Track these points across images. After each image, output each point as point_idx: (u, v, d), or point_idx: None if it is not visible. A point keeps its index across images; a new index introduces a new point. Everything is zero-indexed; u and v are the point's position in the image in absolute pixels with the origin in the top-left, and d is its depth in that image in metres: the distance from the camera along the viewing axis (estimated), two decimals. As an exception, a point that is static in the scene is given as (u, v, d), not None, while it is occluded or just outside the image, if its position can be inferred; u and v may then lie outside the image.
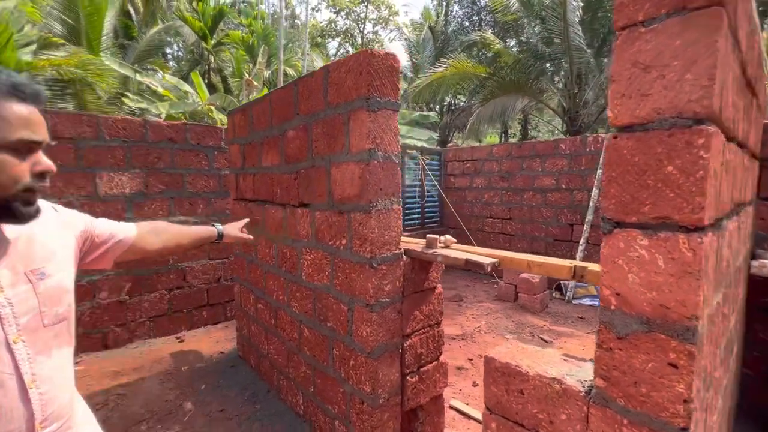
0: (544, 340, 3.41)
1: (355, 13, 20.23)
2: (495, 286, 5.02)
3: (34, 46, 5.90)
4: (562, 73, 9.50)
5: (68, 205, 2.86)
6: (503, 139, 16.40)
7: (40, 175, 0.71)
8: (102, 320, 3.11)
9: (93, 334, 3.07)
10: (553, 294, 4.71)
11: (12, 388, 0.69)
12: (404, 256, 1.72)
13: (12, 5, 5.39)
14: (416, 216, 6.04)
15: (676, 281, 0.71)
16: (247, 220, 1.62)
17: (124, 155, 3.13)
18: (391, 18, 20.88)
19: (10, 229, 0.73)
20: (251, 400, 2.44)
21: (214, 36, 13.18)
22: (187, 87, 10.41)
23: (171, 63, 17.31)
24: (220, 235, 1.39)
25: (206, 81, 12.50)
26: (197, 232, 1.31)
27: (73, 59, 5.79)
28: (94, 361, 2.95)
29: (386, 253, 1.65)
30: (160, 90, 9.55)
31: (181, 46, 18.33)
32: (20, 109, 0.67)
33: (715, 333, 0.89)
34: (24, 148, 0.68)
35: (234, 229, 1.48)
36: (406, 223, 5.75)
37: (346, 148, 1.67)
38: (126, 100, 8.98)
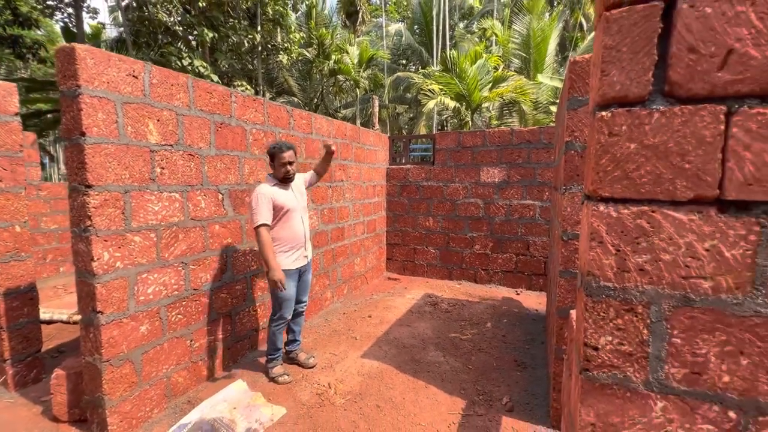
0: None
1: None
2: None
3: (489, 85, 8.81)
4: None
5: (463, 189, 4.72)
6: None
7: (290, 171, 2.47)
8: (474, 263, 4.81)
9: (469, 271, 4.85)
10: None
11: (300, 222, 2.56)
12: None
13: (481, 62, 8.43)
14: None
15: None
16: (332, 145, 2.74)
17: (497, 155, 4.56)
18: None
19: (291, 184, 2.56)
20: (527, 341, 3.14)
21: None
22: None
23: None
24: (328, 151, 2.71)
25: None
26: (323, 157, 2.79)
27: (509, 87, 8.06)
28: (468, 286, 4.71)
29: (577, 231, 1.90)
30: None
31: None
32: (285, 153, 2.45)
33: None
34: (286, 163, 2.45)
35: (329, 145, 2.71)
36: None
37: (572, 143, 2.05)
38: (553, 107, 10.75)
